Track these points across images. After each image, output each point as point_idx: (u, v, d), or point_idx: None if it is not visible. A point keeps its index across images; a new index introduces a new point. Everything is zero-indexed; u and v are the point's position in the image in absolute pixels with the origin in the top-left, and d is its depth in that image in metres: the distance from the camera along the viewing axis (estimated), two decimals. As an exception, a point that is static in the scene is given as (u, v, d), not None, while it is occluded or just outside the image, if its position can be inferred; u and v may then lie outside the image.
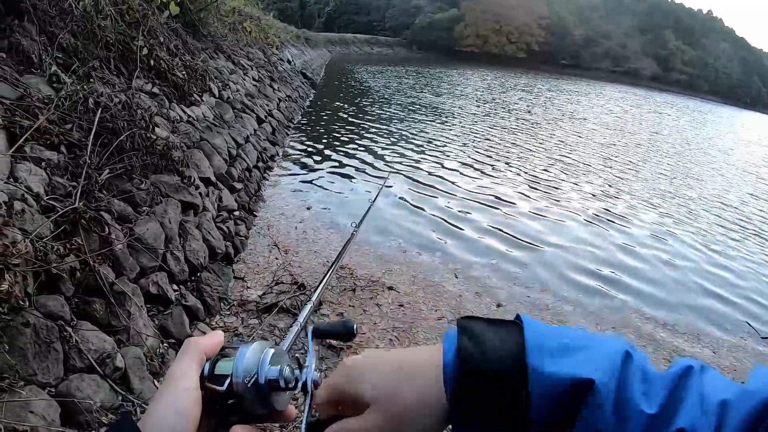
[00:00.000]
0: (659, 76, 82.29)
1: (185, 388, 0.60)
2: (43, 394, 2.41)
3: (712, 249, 8.45)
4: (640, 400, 0.51)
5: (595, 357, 0.53)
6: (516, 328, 0.56)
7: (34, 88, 4.20)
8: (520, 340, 0.54)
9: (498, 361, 0.53)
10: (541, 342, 0.54)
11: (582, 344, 0.54)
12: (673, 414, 0.51)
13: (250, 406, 0.63)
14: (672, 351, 5.23)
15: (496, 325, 0.57)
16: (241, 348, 0.65)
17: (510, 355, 0.53)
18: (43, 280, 2.85)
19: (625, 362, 0.53)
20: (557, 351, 0.53)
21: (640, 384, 0.53)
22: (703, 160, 18.09)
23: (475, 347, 0.54)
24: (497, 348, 0.54)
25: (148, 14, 6.90)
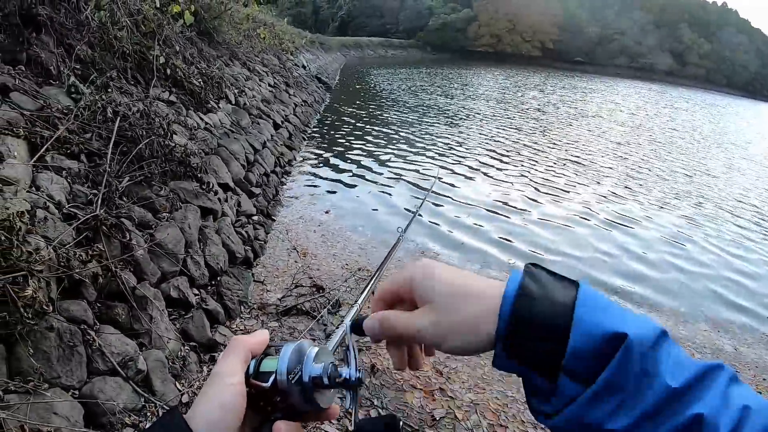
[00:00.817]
0: (675, 70, 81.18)
1: (231, 384, 0.61)
2: (66, 396, 2.46)
3: (731, 254, 8.12)
4: (665, 372, 0.52)
5: (635, 322, 0.54)
6: (574, 285, 0.58)
7: (54, 99, 4.28)
8: (574, 295, 0.56)
9: (551, 307, 0.55)
10: (591, 301, 0.55)
11: (625, 311, 0.56)
12: (694, 397, 0.52)
13: (294, 403, 0.64)
14: (693, 348, 5.15)
15: (557, 277, 0.59)
16: (286, 346, 0.65)
17: (563, 304, 0.55)
18: (66, 286, 2.91)
19: (660, 336, 0.54)
20: (602, 309, 0.55)
21: (669, 359, 0.53)
22: (720, 155, 17.67)
23: (535, 290, 0.57)
24: (553, 295, 0.56)
25: (163, 24, 7.00)
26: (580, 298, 0.55)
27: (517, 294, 0.57)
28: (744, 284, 6.85)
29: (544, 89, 34.58)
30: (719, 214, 10.08)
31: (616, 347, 0.52)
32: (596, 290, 0.58)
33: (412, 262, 0.66)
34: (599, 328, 0.53)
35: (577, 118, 21.38)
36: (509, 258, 6.59)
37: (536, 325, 0.55)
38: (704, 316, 5.83)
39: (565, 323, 0.54)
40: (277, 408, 0.65)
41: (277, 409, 0.65)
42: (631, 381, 0.51)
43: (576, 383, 0.53)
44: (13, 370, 2.40)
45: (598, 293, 0.57)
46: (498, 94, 27.39)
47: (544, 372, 0.55)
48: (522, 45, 78.07)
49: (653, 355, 0.53)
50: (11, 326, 2.41)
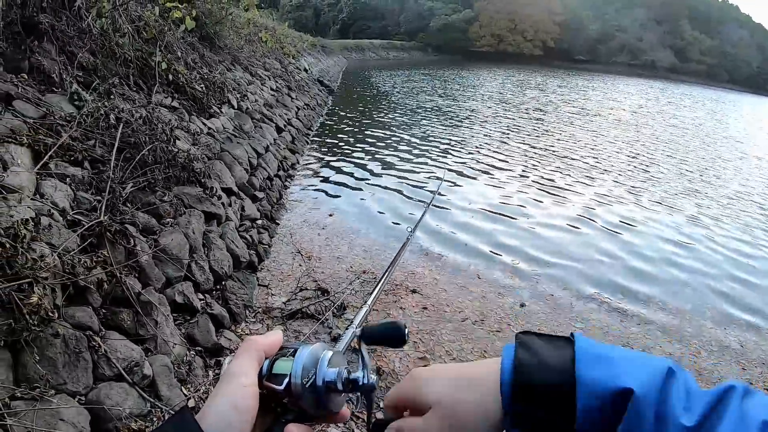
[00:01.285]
0: (677, 67, 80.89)
1: (243, 385, 0.61)
2: (73, 402, 2.46)
3: (736, 251, 8.02)
4: (679, 414, 0.52)
5: (637, 370, 0.54)
6: (569, 343, 0.59)
7: (57, 107, 4.31)
8: (572, 354, 0.57)
9: (551, 373, 0.56)
10: (589, 357, 0.56)
11: (627, 359, 0.56)
12: (711, 429, 0.51)
13: (306, 407, 0.64)
14: (699, 346, 5.14)
15: (550, 339, 0.61)
16: (301, 349, 0.66)
17: (562, 368, 0.56)
18: (71, 292, 2.92)
19: (667, 377, 0.54)
20: (603, 363, 0.55)
21: (681, 398, 0.53)
22: (723, 153, 17.54)
23: (531, 360, 0.58)
24: (551, 361, 0.57)
25: (164, 30, 7.03)
26: (578, 356, 0.56)
27: (513, 368, 0.58)
28: (749, 281, 6.80)
29: (545, 88, 34.50)
30: (724, 212, 10.01)
31: (624, 402, 0.52)
32: (591, 341, 0.59)
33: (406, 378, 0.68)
34: (604, 387, 0.54)
35: (578, 118, 21.31)
36: (513, 259, 6.57)
37: (539, 394, 0.56)
38: (710, 314, 5.80)
39: (568, 386, 0.55)
40: (288, 410, 0.66)
41: (289, 411, 0.66)
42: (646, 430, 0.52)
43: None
44: (20, 376, 2.41)
45: (594, 344, 0.58)
46: (499, 94, 27.35)
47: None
48: (523, 44, 77.99)
49: (664, 399, 0.53)
50: (17, 333, 2.42)
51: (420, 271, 5.91)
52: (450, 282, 5.75)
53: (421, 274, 5.83)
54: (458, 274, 5.97)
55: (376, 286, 1.07)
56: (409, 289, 5.40)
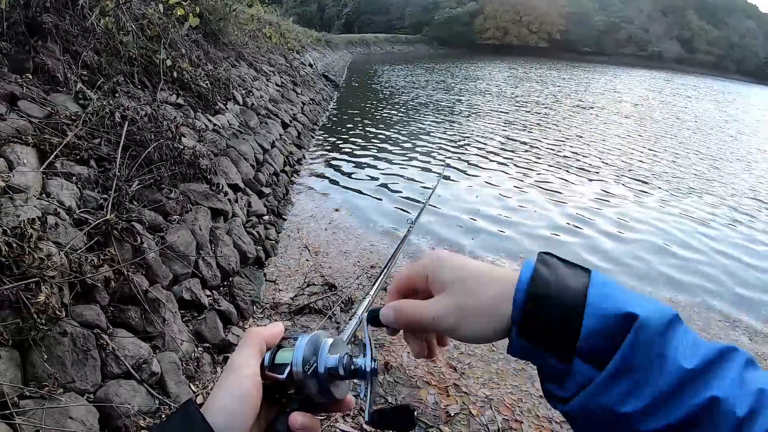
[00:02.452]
0: (684, 58, 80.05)
1: (246, 376, 0.62)
2: (81, 400, 2.47)
3: (745, 244, 7.92)
4: (679, 354, 0.52)
5: (646, 304, 0.54)
6: (586, 272, 0.59)
7: (62, 106, 4.31)
8: (587, 280, 0.57)
9: (564, 290, 0.56)
10: (603, 285, 0.56)
11: (639, 295, 0.56)
12: (709, 379, 0.51)
13: (309, 395, 0.64)
14: (708, 339, 5.07)
15: (570, 264, 0.60)
16: (301, 338, 0.66)
17: (575, 287, 0.56)
18: (78, 291, 2.92)
19: (672, 318, 0.54)
20: (615, 292, 0.55)
21: (683, 342, 0.53)
22: (731, 145, 17.33)
23: (548, 274, 0.58)
24: (566, 280, 0.57)
25: (168, 27, 7.02)
26: (592, 282, 0.56)
27: (531, 278, 0.58)
28: (759, 275, 6.75)
29: (550, 81, 34.26)
30: (730, 205, 9.93)
31: (627, 327, 0.52)
32: (608, 276, 0.58)
33: (426, 253, 0.67)
34: (612, 309, 0.53)
35: (585, 110, 21.18)
36: (521, 252, 6.55)
37: (550, 307, 0.56)
38: (719, 307, 5.76)
39: (578, 304, 0.54)
40: (292, 399, 0.66)
41: (293, 400, 0.66)
42: (644, 362, 0.51)
43: (590, 365, 0.53)
44: (28, 375, 2.42)
45: (610, 279, 0.58)
46: (504, 88, 27.15)
47: (559, 353, 0.55)
48: (529, 37, 77.50)
49: (666, 337, 0.53)
50: (25, 332, 2.43)
51: (427, 264, 5.89)
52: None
53: (429, 268, 5.80)
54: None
55: (379, 277, 1.08)
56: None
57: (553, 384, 0.58)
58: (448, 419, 3.50)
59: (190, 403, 0.60)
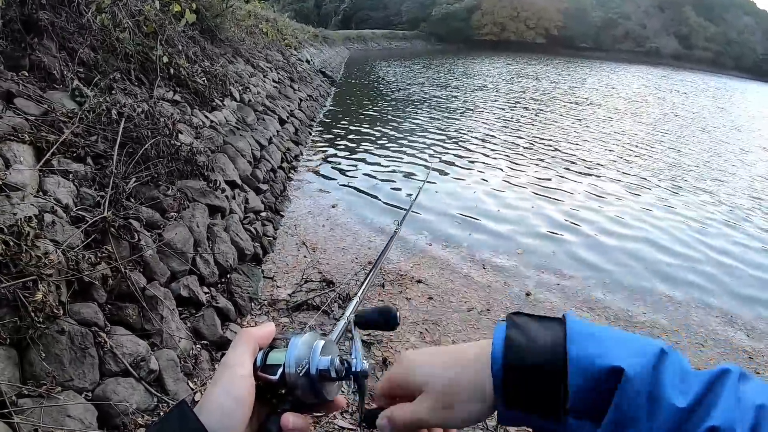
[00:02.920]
0: (681, 54, 79.85)
1: (240, 375, 0.62)
2: (80, 398, 2.48)
3: (743, 242, 7.92)
4: (671, 394, 0.51)
5: (629, 350, 0.54)
6: (560, 323, 0.58)
7: (58, 103, 4.30)
8: (563, 333, 0.56)
9: (542, 352, 0.55)
10: (581, 336, 0.55)
11: (619, 339, 0.56)
12: (706, 411, 0.51)
13: (301, 396, 0.65)
14: (706, 336, 5.12)
15: (542, 320, 0.60)
16: (293, 339, 0.66)
17: (553, 347, 0.55)
18: (76, 289, 2.92)
19: (659, 357, 0.53)
20: (594, 342, 0.55)
21: (674, 379, 0.53)
22: (729, 143, 17.29)
23: (522, 339, 0.57)
24: (542, 340, 0.56)
25: (165, 24, 6.99)
26: (569, 335, 0.56)
27: (504, 347, 0.57)
28: (756, 272, 6.76)
29: (547, 77, 34.23)
30: (727, 202, 9.94)
31: (615, 381, 0.52)
32: (583, 321, 0.58)
33: (396, 363, 0.68)
34: (595, 365, 0.53)
35: (581, 107, 21.15)
36: (518, 248, 6.56)
37: (531, 374, 0.55)
38: (716, 303, 5.78)
39: (559, 365, 0.54)
40: (284, 400, 0.66)
41: (284, 401, 0.66)
42: (638, 411, 0.51)
43: (584, 421, 0.53)
44: (26, 374, 2.42)
45: (586, 324, 0.58)
46: (500, 84, 27.09)
47: (550, 415, 0.55)
48: (526, 32, 77.27)
49: (656, 379, 0.52)
50: (23, 331, 2.43)
51: (425, 261, 5.91)
52: (455, 272, 5.74)
53: (427, 264, 5.83)
54: (463, 264, 5.96)
55: (366, 279, 1.09)
56: (415, 279, 5.40)
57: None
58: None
59: (184, 403, 0.60)
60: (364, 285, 1.05)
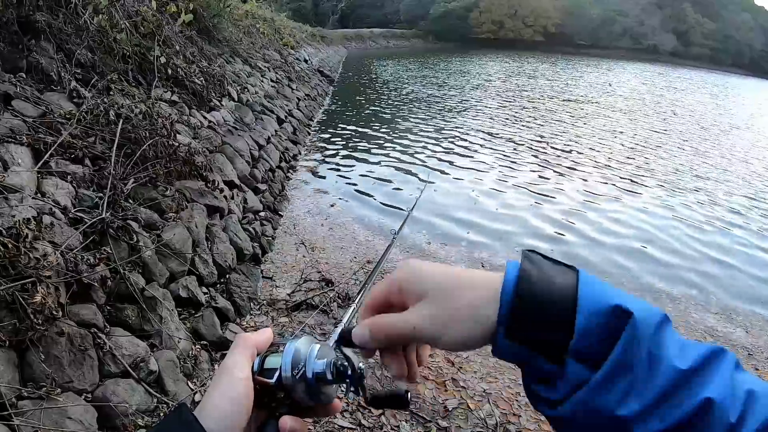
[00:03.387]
0: (679, 51, 79.75)
1: (239, 378, 0.63)
2: (79, 400, 2.48)
3: (745, 239, 7.97)
4: (672, 354, 0.51)
5: (638, 302, 0.53)
6: (573, 270, 0.57)
7: (56, 105, 4.30)
8: (576, 277, 0.55)
9: (554, 287, 0.54)
10: (593, 282, 0.55)
11: (628, 294, 0.55)
12: (703, 380, 0.50)
13: (298, 399, 0.65)
14: (705, 332, 5.12)
15: (556, 262, 0.59)
16: (289, 343, 0.67)
17: (565, 285, 0.54)
18: (75, 290, 2.92)
19: (663, 318, 0.53)
20: (605, 289, 0.54)
21: (674, 342, 0.52)
22: (728, 140, 17.28)
23: (535, 272, 0.56)
24: (554, 278, 0.55)
25: (162, 24, 6.98)
26: (581, 280, 0.55)
27: (518, 277, 0.56)
28: (754, 268, 6.78)
29: (544, 75, 34.18)
30: (725, 199, 9.95)
31: (622, 324, 0.51)
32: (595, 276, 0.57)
33: (398, 265, 0.65)
34: (605, 303, 0.52)
35: (579, 105, 21.12)
36: (516, 246, 6.57)
37: (540, 305, 0.54)
38: (715, 300, 5.79)
39: (569, 302, 0.53)
40: (281, 404, 0.67)
41: (282, 405, 0.67)
42: (640, 363, 0.50)
43: (583, 366, 0.51)
44: (26, 376, 2.43)
45: (597, 278, 0.56)
46: (497, 83, 27.03)
47: (551, 354, 0.53)
48: (524, 30, 77.10)
49: (659, 337, 0.51)
50: (22, 333, 2.43)
51: (424, 260, 5.89)
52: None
53: (426, 264, 5.81)
54: (462, 263, 5.97)
55: (363, 288, 1.08)
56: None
57: (541, 385, 0.56)
58: (446, 414, 3.52)
59: (183, 405, 0.61)
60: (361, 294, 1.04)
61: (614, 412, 0.50)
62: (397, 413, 3.43)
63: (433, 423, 3.41)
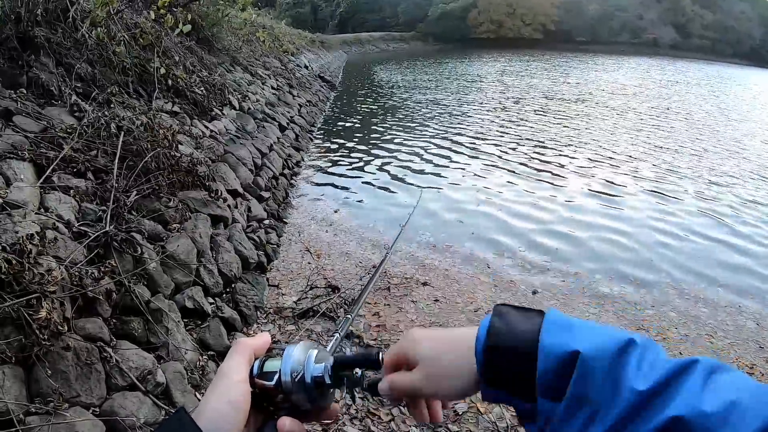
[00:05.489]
0: (679, 43, 79.39)
1: (236, 381, 0.66)
2: (87, 414, 2.47)
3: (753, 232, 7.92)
4: (632, 377, 0.55)
5: (593, 337, 0.59)
6: (540, 315, 0.64)
7: (57, 119, 4.31)
8: (540, 324, 0.62)
9: (518, 337, 0.62)
10: (555, 326, 0.61)
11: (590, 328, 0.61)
12: (667, 397, 0.52)
13: (296, 402, 0.68)
14: (715, 327, 5.08)
15: (524, 311, 0.66)
16: (288, 347, 0.70)
17: (528, 334, 0.62)
18: (80, 304, 2.92)
19: (626, 344, 0.57)
20: (564, 332, 0.60)
21: (639, 365, 0.56)
22: (728, 135, 17.10)
23: (502, 325, 0.64)
24: (520, 328, 0.63)
25: (161, 35, 7.01)
26: (545, 325, 0.62)
27: (487, 333, 0.64)
28: (759, 261, 6.73)
29: (544, 73, 34.17)
30: (731, 192, 9.92)
31: (573, 360, 0.57)
32: (563, 315, 0.64)
33: (403, 337, 0.75)
34: (559, 349, 0.58)
35: (579, 103, 21.07)
36: (521, 247, 6.54)
37: (506, 356, 0.62)
38: (723, 294, 5.74)
39: (531, 349, 0.60)
40: (280, 407, 0.69)
41: (280, 408, 0.69)
42: (597, 391, 0.55)
43: (551, 402, 0.58)
44: (33, 392, 2.42)
45: (564, 317, 0.63)
46: (497, 83, 26.93)
47: (524, 395, 0.61)
48: (523, 29, 76.98)
49: (618, 363, 0.56)
50: (28, 349, 2.43)
51: (429, 263, 5.90)
52: (460, 272, 5.72)
53: (431, 266, 5.81)
54: (468, 265, 5.94)
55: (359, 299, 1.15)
56: (420, 282, 5.39)
57: (527, 422, 0.63)
58: (456, 418, 3.50)
59: (182, 409, 0.62)
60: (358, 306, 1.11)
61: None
62: (406, 419, 3.41)
63: (443, 427, 3.39)
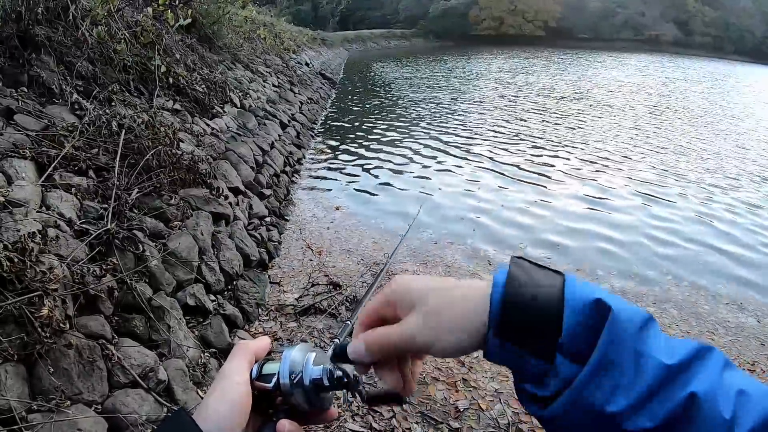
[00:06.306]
0: (681, 40, 79.07)
1: (237, 383, 0.65)
2: (89, 411, 2.48)
3: (755, 229, 7.90)
4: (658, 351, 0.52)
5: (621, 302, 0.54)
6: (559, 274, 0.59)
7: (58, 118, 4.31)
8: (562, 280, 0.57)
9: (541, 288, 0.56)
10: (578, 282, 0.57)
11: (610, 294, 0.56)
12: (689, 376, 0.51)
13: (295, 404, 0.67)
14: (716, 324, 5.08)
15: (543, 267, 0.60)
16: (287, 350, 0.69)
17: (551, 286, 0.56)
18: (82, 302, 2.93)
19: (647, 319, 0.54)
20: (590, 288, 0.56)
21: (659, 341, 0.53)
22: (730, 133, 17.10)
23: (523, 276, 0.58)
24: (542, 280, 0.57)
25: (162, 33, 7.00)
26: (567, 280, 0.57)
27: (507, 281, 0.57)
28: (761, 257, 6.72)
29: (545, 71, 34.11)
30: (734, 187, 9.93)
31: (604, 320, 0.52)
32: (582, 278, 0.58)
33: (393, 280, 0.66)
34: (588, 299, 0.54)
35: (581, 101, 21.02)
36: (521, 243, 6.55)
37: (528, 306, 0.55)
38: (725, 290, 5.74)
39: (556, 302, 0.55)
40: (278, 409, 0.69)
41: (279, 410, 0.69)
42: (625, 358, 0.51)
43: (572, 362, 0.53)
44: (35, 389, 2.43)
45: (583, 279, 0.58)
46: (498, 81, 26.86)
47: (540, 352, 0.55)
48: (525, 26, 76.72)
49: (642, 334, 0.53)
50: (30, 347, 2.43)
51: (431, 260, 5.90)
52: (462, 269, 5.74)
53: (433, 263, 5.82)
54: (469, 261, 5.95)
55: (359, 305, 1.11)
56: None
57: (534, 384, 0.57)
58: (458, 414, 3.50)
59: (182, 409, 0.62)
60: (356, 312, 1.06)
61: (603, 409, 0.51)
62: (408, 416, 3.41)
63: (445, 424, 3.40)
